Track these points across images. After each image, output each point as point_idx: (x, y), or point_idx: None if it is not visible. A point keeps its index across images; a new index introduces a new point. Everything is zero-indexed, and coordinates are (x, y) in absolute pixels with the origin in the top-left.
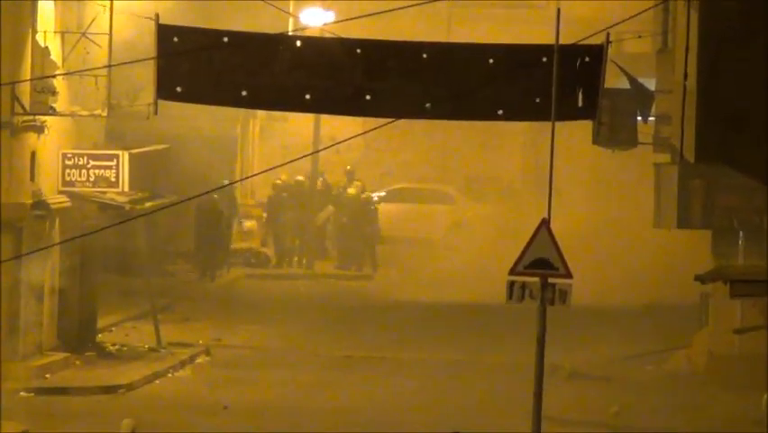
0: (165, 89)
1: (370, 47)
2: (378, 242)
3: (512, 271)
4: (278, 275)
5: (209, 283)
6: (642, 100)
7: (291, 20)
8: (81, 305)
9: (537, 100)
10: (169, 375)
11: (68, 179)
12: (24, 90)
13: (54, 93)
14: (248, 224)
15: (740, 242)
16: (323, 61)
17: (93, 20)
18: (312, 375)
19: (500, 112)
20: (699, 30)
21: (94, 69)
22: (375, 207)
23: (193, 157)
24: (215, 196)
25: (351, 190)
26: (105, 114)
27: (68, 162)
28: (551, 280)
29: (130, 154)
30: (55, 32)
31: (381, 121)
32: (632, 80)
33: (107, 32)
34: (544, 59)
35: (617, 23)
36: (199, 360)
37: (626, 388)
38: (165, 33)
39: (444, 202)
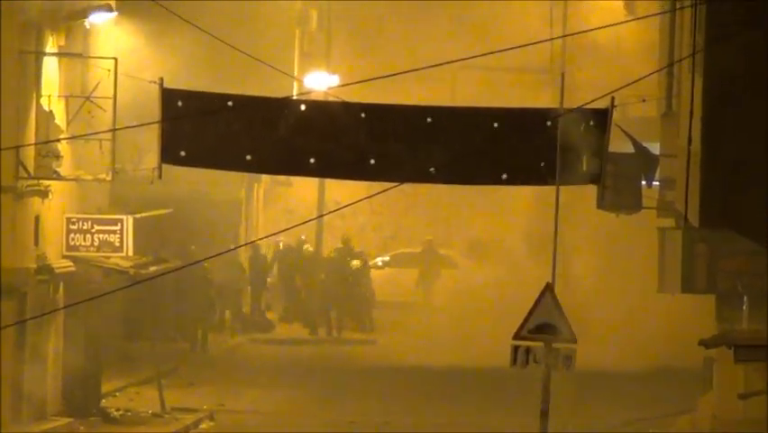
0: (169, 153)
1: (375, 111)
2: (373, 305)
3: (516, 336)
4: (281, 340)
5: (200, 353)
6: (646, 164)
7: (296, 84)
8: (85, 370)
9: (542, 164)
10: None
11: (72, 243)
12: (29, 154)
13: (58, 157)
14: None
15: (744, 306)
16: (327, 125)
17: (97, 84)
18: None
19: (504, 176)
20: (704, 94)
21: (98, 132)
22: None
23: (197, 221)
24: (205, 264)
25: (355, 263)
26: (109, 178)
27: (72, 227)
28: (555, 344)
29: (134, 219)
30: (59, 96)
31: (386, 185)
32: (636, 144)
33: (111, 95)
34: (549, 123)
35: (621, 87)
36: (203, 425)
37: None
38: (169, 97)
39: (447, 267)
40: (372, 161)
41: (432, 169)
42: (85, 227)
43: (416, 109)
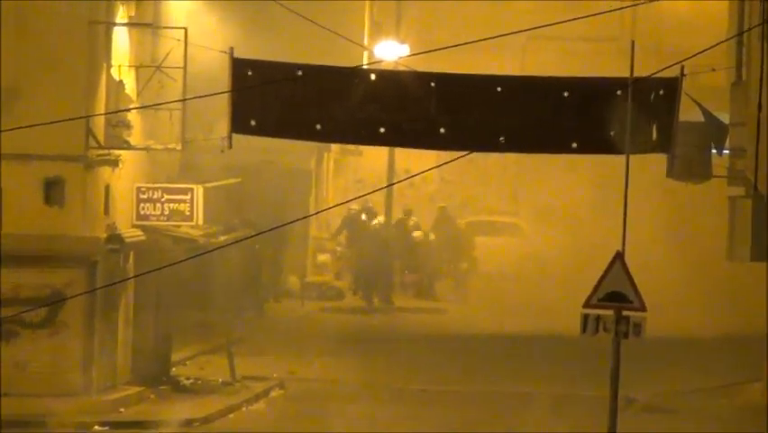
0: (239, 123)
1: (445, 80)
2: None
3: (586, 304)
4: (352, 308)
5: (263, 320)
6: (716, 133)
7: (365, 53)
8: (156, 339)
9: (611, 133)
10: (244, 409)
11: (142, 212)
12: (99, 124)
13: (129, 127)
14: (321, 257)
15: None
16: (397, 94)
17: (167, 53)
18: (387, 409)
19: (574, 145)
20: None
21: (168, 102)
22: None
23: (267, 190)
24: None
25: (416, 234)
26: (179, 147)
27: (142, 196)
28: (625, 312)
29: (204, 188)
30: (129, 66)
31: (456, 154)
32: (706, 113)
33: (181, 65)
34: (619, 92)
35: (691, 56)
36: (273, 393)
37: (700, 421)
38: (239, 67)
39: (516, 235)
40: (442, 131)
41: (501, 138)
42: (155, 197)
43: (486, 78)
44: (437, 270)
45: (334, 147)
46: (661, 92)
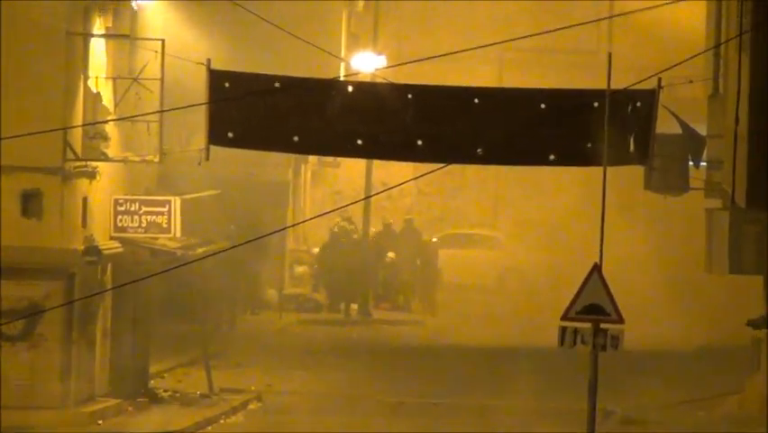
0: (216, 135)
1: (422, 92)
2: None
3: (564, 317)
4: (329, 320)
5: (229, 333)
6: (693, 145)
7: (343, 65)
8: (133, 351)
9: (589, 145)
10: (221, 422)
11: (120, 224)
12: (76, 136)
13: (106, 138)
14: (299, 269)
15: None
16: (374, 106)
17: (145, 65)
18: (364, 422)
19: (552, 157)
20: (751, 75)
21: (145, 114)
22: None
23: (245, 202)
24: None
25: (390, 255)
26: (156, 159)
27: (120, 208)
28: (603, 325)
29: (182, 200)
30: (107, 78)
31: (433, 166)
32: (683, 125)
33: (159, 77)
34: (596, 104)
35: (668, 68)
36: (251, 406)
37: None
38: (217, 79)
39: (494, 247)
40: (419, 143)
41: (479, 150)
42: (132, 209)
43: (463, 90)
44: (405, 283)
45: (312, 159)
46: (638, 104)
